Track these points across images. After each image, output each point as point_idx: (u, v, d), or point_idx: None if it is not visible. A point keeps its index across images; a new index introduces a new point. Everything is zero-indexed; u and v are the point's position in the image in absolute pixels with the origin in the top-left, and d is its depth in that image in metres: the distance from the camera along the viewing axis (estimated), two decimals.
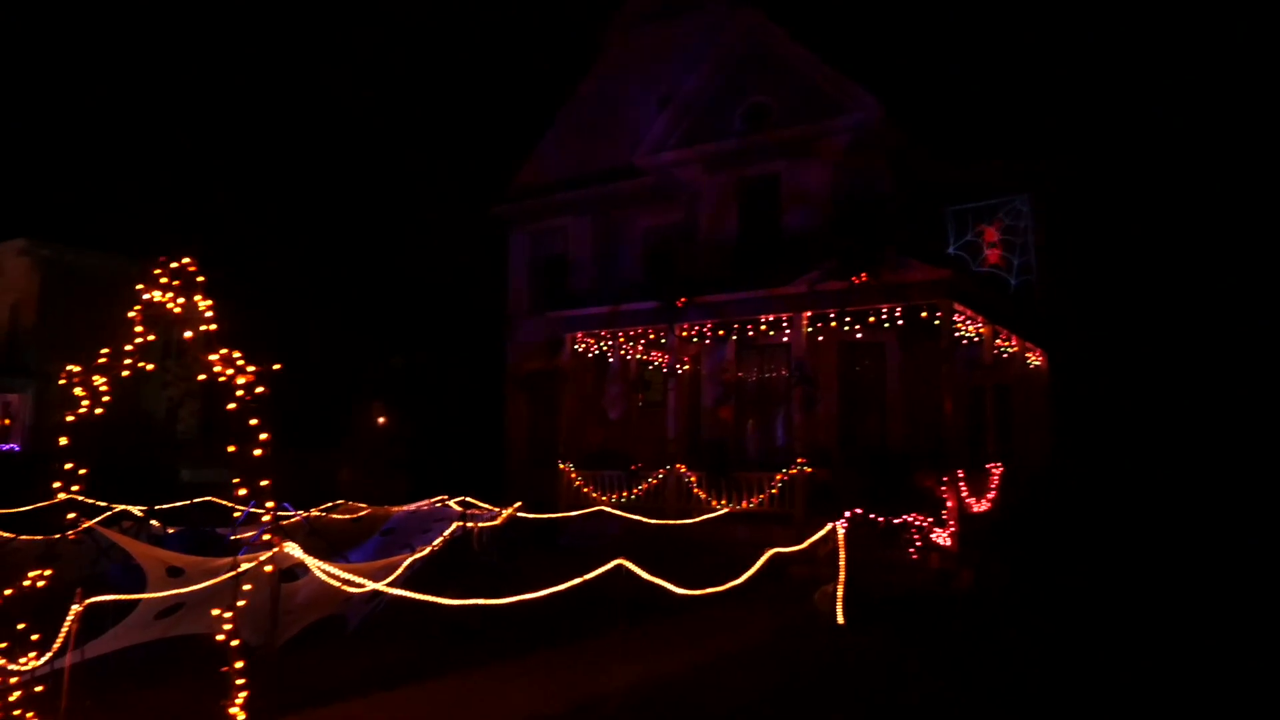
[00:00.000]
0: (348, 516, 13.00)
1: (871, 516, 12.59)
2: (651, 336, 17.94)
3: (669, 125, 20.31)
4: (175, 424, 33.95)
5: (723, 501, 16.02)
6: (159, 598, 7.06)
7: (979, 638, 9.84)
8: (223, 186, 37.98)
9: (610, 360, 19.35)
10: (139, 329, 6.65)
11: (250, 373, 6.30)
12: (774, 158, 19.15)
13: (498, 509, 12.24)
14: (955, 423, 14.76)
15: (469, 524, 10.53)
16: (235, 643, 6.12)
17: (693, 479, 16.33)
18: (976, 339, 16.48)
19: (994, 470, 16.33)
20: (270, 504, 6.44)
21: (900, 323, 15.23)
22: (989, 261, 20.05)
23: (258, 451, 6.18)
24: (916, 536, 13.03)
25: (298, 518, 12.34)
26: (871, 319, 15.43)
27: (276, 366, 6.44)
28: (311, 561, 7.93)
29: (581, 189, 22.74)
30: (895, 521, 12.84)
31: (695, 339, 17.44)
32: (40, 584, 7.10)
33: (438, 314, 26.09)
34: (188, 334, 6.70)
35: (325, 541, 10.95)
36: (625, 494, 17.01)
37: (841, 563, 10.72)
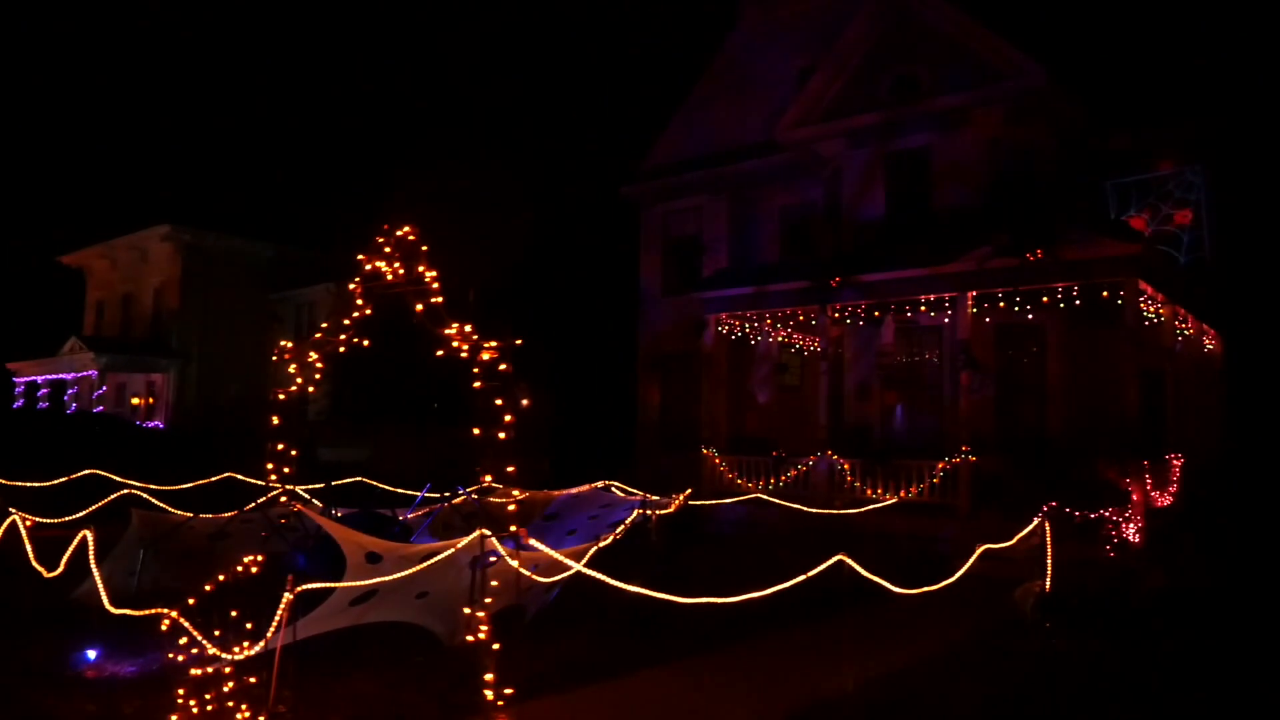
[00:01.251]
0: (504, 500, 12.79)
1: (1067, 511, 11.74)
2: (800, 318, 17.32)
3: (811, 99, 19.56)
4: (307, 403, 34.97)
5: (878, 490, 15.37)
6: (368, 585, 6.90)
7: (1195, 645, 9.01)
8: (355, 170, 38.71)
9: (755, 342, 18.81)
10: (360, 302, 6.43)
11: (493, 348, 6.01)
12: (924, 130, 18.22)
13: (660, 497, 11.87)
14: (1137, 411, 13.74)
15: (649, 511, 10.18)
16: (483, 632, 5.84)
17: (845, 466, 15.71)
18: (1156, 320, 15.33)
19: (1174, 461, 15.21)
20: (511, 488, 6.12)
21: (1077, 302, 14.25)
22: (1157, 236, 18.74)
23: (502, 435, 5.89)
24: (1113, 532, 12.14)
25: (461, 498, 12.22)
26: (1046, 299, 14.48)
27: (518, 341, 6.14)
28: (504, 550, 7.71)
29: (715, 167, 22.18)
30: (1091, 517, 11.96)
31: (849, 320, 16.74)
32: (254, 569, 7.11)
33: (568, 296, 25.99)
34: (418, 306, 6.45)
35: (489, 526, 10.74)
36: (772, 480, 16.50)
37: (1049, 560, 9.98)
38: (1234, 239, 18.47)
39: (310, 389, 6.54)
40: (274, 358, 6.49)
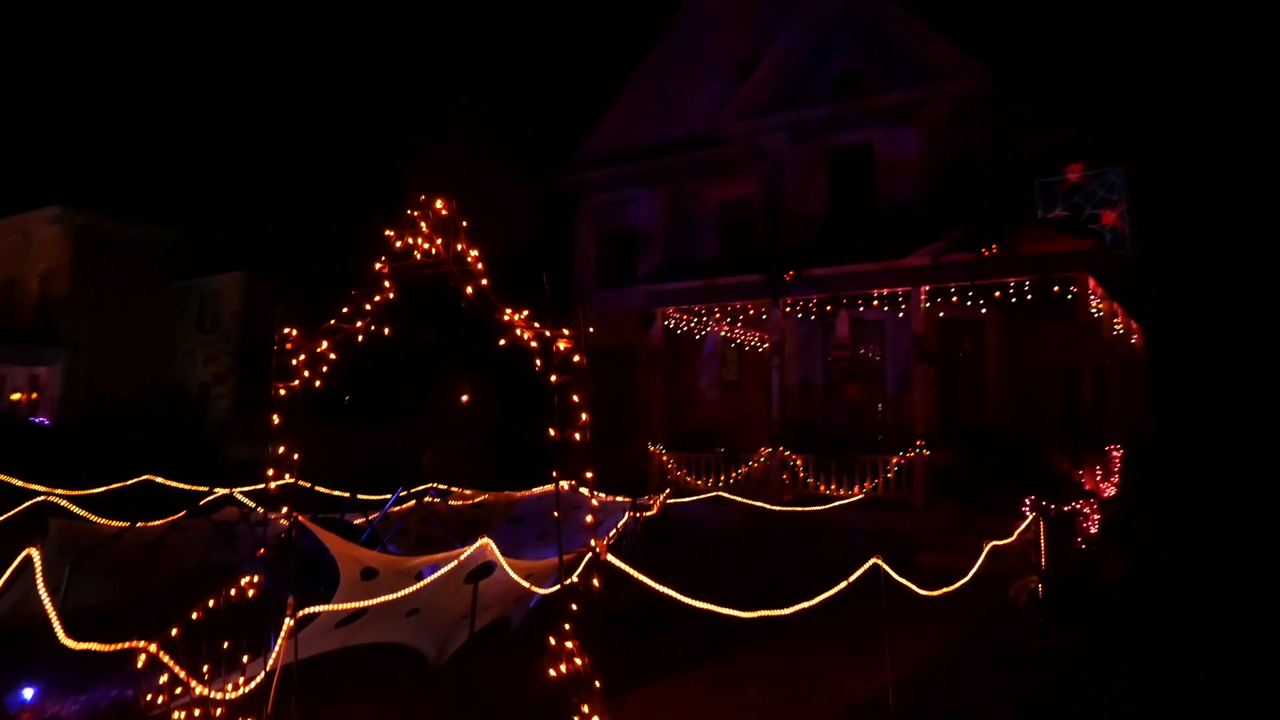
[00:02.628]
0: (464, 503, 12.20)
1: (1043, 504, 11.84)
2: (751, 312, 17.16)
3: (753, 91, 19.45)
4: (208, 401, 33.16)
5: (831, 486, 15.35)
6: (368, 605, 6.32)
7: (1188, 635, 9.16)
8: (264, 155, 36.85)
9: (699, 337, 18.58)
10: (386, 284, 5.83)
11: (567, 336, 5.52)
12: (867, 126, 18.30)
13: (625, 497, 11.49)
14: (1089, 403, 14.04)
15: (637, 514, 9.79)
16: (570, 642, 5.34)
17: (798, 461, 15.63)
18: (1097, 314, 15.72)
19: (1114, 452, 15.62)
20: (586, 488, 5.62)
21: (1029, 297, 14.46)
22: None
23: (577, 436, 5.41)
24: (1083, 523, 12.33)
25: (410, 504, 11.58)
26: (998, 293, 14.66)
27: (590, 330, 5.66)
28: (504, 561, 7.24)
29: (652, 159, 21.87)
30: (1065, 510, 12.11)
31: (800, 314, 16.66)
32: (251, 593, 6.40)
33: (500, 288, 25.12)
34: (468, 289, 5.90)
35: (449, 530, 10.16)
36: (723, 477, 16.32)
37: (1043, 553, 10.00)
38: (1154, 238, 19.13)
39: (318, 383, 5.93)
40: (275, 347, 5.85)
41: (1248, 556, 12.61)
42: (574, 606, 5.42)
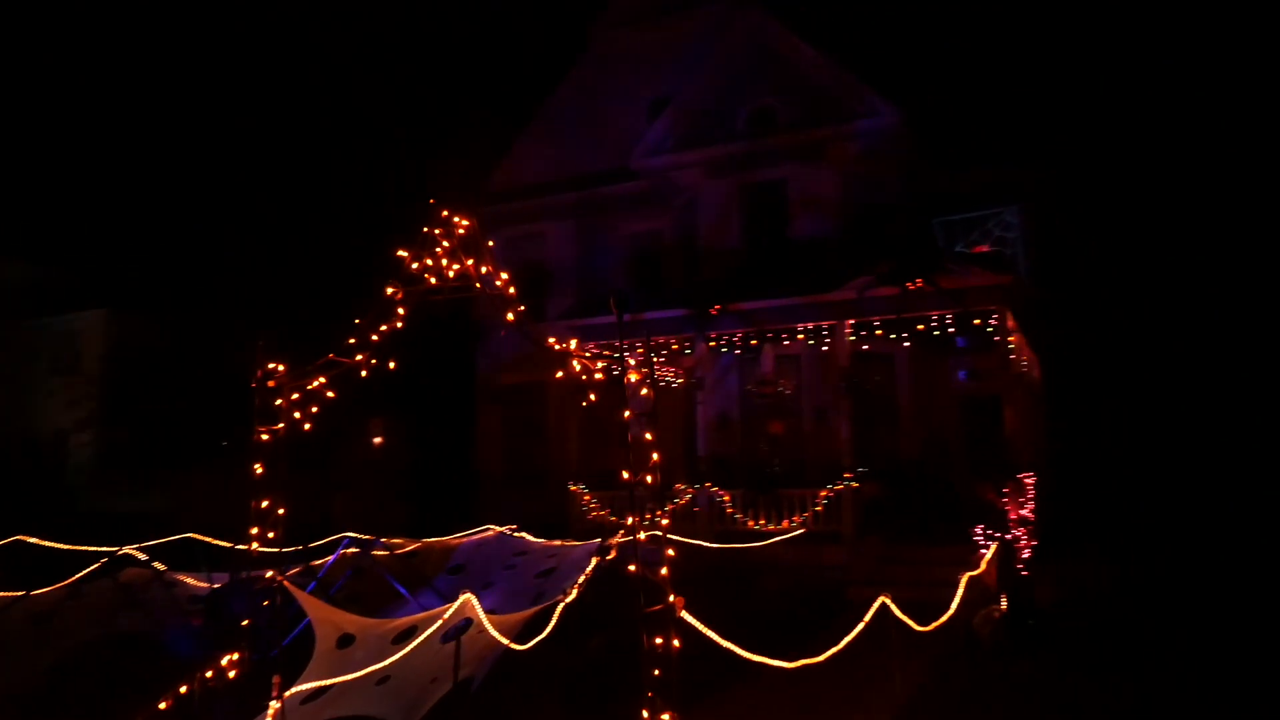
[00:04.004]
0: (391, 553, 11.40)
1: (993, 533, 11.93)
2: (675, 346, 16.94)
3: (667, 127, 19.45)
4: (67, 449, 30.58)
5: (760, 521, 15.19)
6: (351, 678, 5.63)
7: (1147, 656, 9.31)
8: (134, 184, 34.46)
9: (616, 372, 18.19)
10: (401, 310, 5.24)
11: (635, 368, 5.04)
12: (781, 163, 18.52)
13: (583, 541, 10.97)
14: (1008, 433, 14.39)
15: (604, 557, 9.27)
16: None
17: (725, 497, 15.43)
18: (1011, 347, 16.21)
19: (1028, 480, 16.07)
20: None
21: (951, 330, 14.79)
22: None
23: (649, 479, 4.93)
24: (1023, 551, 12.49)
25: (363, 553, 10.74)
26: (921, 327, 14.92)
27: (645, 355, 5.18)
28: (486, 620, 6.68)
29: (563, 193, 21.57)
30: (1007, 539, 12.24)
31: (724, 348, 16.55)
32: (233, 674, 5.49)
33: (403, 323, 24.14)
34: (509, 315, 5.36)
35: (398, 583, 9.44)
36: (649, 516, 15.91)
37: (1007, 584, 9.99)
38: (1045, 276, 20.02)
39: (307, 426, 5.28)
40: (253, 385, 5.17)
41: (1161, 577, 13.10)
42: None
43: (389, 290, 5.24)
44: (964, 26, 20.97)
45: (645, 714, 4.88)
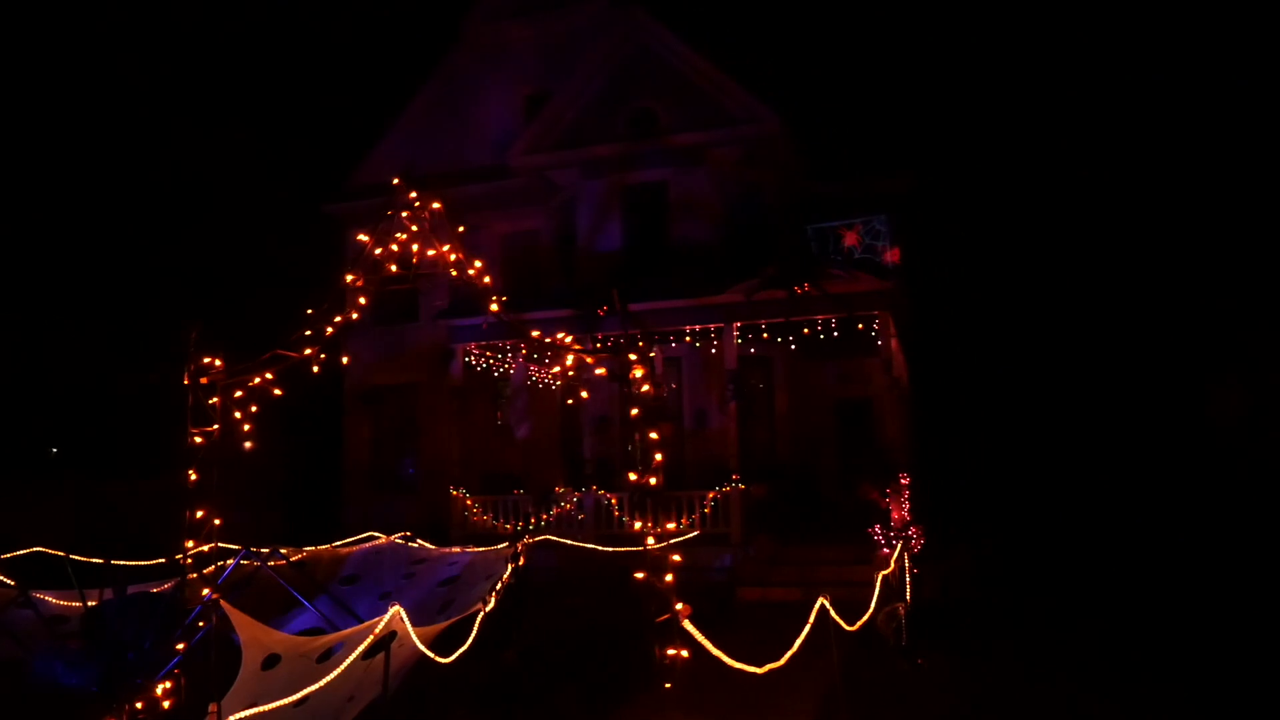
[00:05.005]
0: (287, 561, 10.63)
1: (890, 534, 12.21)
2: (569, 345, 16.57)
3: (545, 125, 19.14)
4: None
5: (647, 523, 15.06)
6: (302, 697, 5.09)
7: (1041, 649, 9.74)
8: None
9: (500, 374, 17.76)
10: (363, 301, 4.73)
11: (638, 362, 4.71)
12: (661, 165, 18.53)
13: (480, 548, 10.57)
14: (889, 435, 14.87)
15: (518, 563, 8.90)
16: None
17: (612, 500, 15.27)
18: (887, 352, 16.77)
19: (904, 480, 16.65)
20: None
21: (835, 334, 15.14)
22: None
23: (653, 480, 4.61)
24: (917, 550, 12.85)
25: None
26: (806, 330, 15.22)
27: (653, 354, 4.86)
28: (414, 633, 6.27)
29: (434, 189, 20.78)
30: (905, 537, 12.55)
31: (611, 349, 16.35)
32: (167, 704, 4.75)
33: (264, 320, 22.68)
34: (493, 305, 4.91)
35: (300, 594, 8.81)
36: (532, 520, 15.59)
37: (908, 581, 10.22)
38: (911, 282, 20.90)
39: (246, 426, 4.72)
40: (185, 381, 4.57)
41: (1026, 567, 13.84)
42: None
43: (348, 278, 4.78)
44: (834, 37, 21.66)
45: None
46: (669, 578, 4.90)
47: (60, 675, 6.82)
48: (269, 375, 4.79)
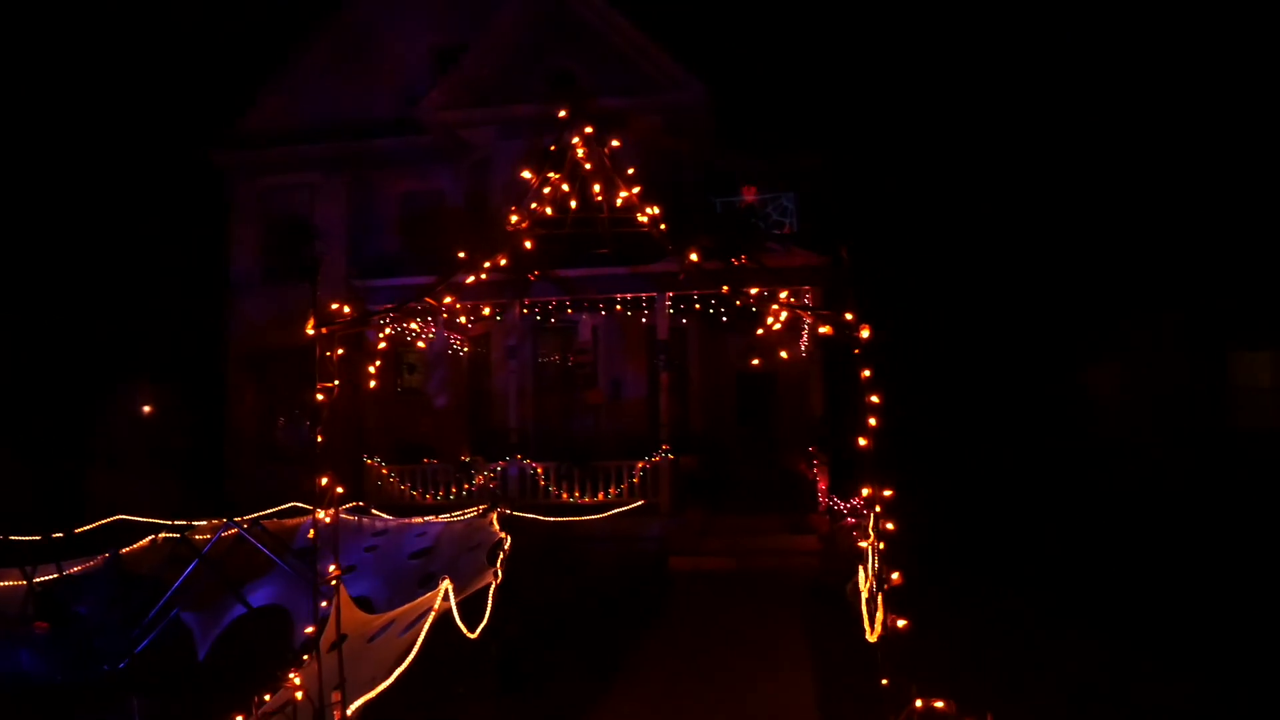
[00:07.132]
0: (209, 536, 9.79)
1: (833, 505, 12.37)
2: (486, 313, 16.00)
3: (460, 81, 18.32)
4: None
5: (575, 494, 14.86)
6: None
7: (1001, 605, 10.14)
8: None
9: (413, 339, 16.94)
10: (528, 245, 4.22)
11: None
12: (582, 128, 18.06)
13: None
14: (821, 410, 15.13)
15: (504, 538, 8.45)
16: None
17: (539, 469, 14.92)
18: (805, 326, 17.03)
19: (824, 453, 17.02)
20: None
21: (775, 306, 15.18)
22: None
23: (863, 441, 4.31)
24: (864, 516, 13.07)
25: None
26: (739, 302, 15.20)
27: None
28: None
29: (333, 141, 19.61)
30: (853, 504, 12.76)
31: (539, 317, 15.92)
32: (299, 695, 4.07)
33: (136, 279, 20.68)
34: (692, 255, 4.46)
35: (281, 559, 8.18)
36: (453, 491, 15.07)
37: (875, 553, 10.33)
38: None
39: (372, 384, 4.19)
40: (309, 331, 4.01)
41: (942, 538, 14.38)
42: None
43: (513, 219, 4.31)
44: (755, 11, 21.71)
45: None
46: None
47: (25, 663, 6.04)
48: (416, 324, 4.28)
